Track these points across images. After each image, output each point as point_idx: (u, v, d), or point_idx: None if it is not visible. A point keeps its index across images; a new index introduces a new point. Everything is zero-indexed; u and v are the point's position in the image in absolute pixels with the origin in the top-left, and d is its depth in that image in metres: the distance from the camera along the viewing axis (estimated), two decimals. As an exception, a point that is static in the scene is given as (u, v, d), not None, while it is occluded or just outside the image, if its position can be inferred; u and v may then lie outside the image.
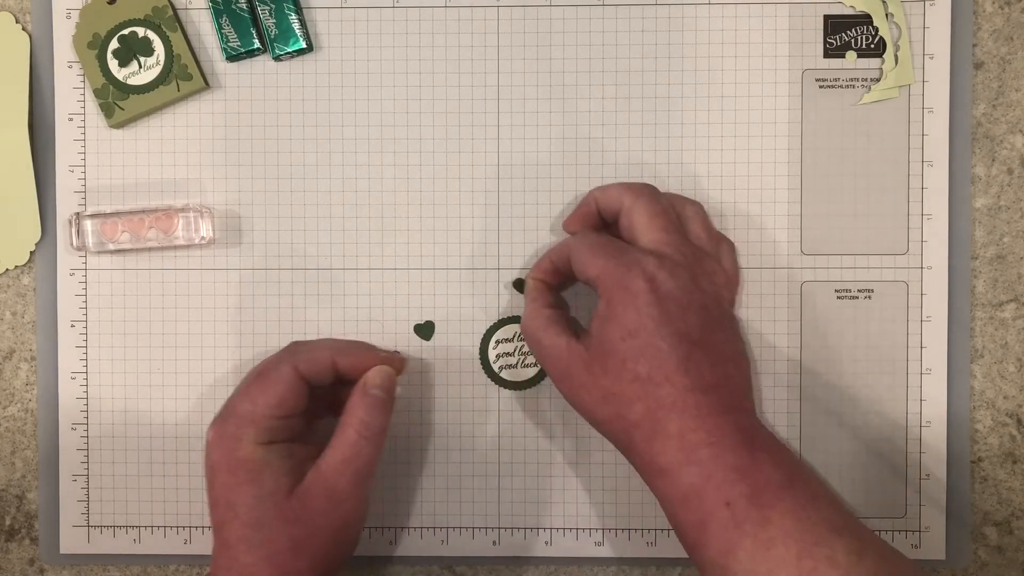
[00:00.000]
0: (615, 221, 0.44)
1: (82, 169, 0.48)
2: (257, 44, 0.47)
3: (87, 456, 0.48)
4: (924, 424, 0.48)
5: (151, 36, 0.47)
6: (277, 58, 0.48)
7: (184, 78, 0.47)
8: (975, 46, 0.48)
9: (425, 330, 0.48)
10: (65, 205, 0.48)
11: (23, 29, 0.48)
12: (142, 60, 0.47)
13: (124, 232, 0.47)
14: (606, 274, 0.41)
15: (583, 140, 0.48)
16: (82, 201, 0.48)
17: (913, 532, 0.48)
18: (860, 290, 0.48)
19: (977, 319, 0.48)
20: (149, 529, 0.48)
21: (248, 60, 0.48)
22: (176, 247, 0.48)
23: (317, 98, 0.48)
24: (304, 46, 0.47)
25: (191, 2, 0.48)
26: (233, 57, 0.47)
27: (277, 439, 0.42)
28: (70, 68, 0.48)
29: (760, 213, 0.48)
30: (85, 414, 0.48)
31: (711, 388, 0.39)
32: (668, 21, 0.48)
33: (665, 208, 0.43)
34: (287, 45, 0.47)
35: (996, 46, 0.48)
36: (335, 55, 0.48)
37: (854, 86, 0.47)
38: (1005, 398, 0.48)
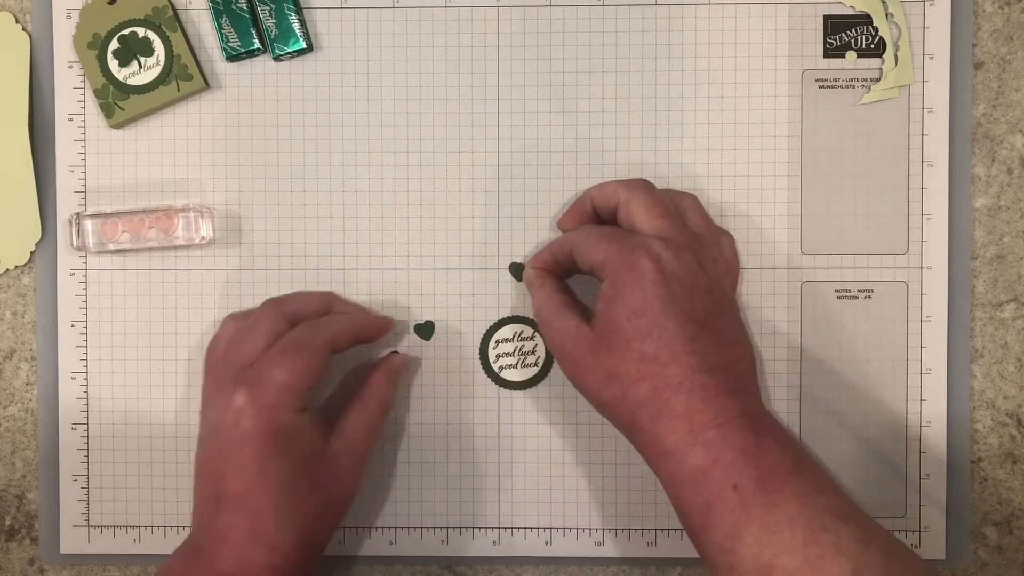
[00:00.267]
0: (612, 218, 0.45)
1: (82, 169, 0.48)
2: (257, 44, 0.47)
3: (87, 456, 0.48)
4: (924, 424, 0.48)
5: (151, 36, 0.47)
6: (277, 58, 0.48)
7: (184, 78, 0.47)
8: (975, 46, 0.48)
9: (425, 330, 0.48)
10: (65, 205, 0.48)
11: (23, 29, 0.48)
12: (142, 60, 0.47)
13: (124, 232, 0.47)
14: (611, 256, 0.41)
15: (583, 140, 0.48)
16: (82, 201, 0.48)
17: (913, 532, 0.48)
18: (860, 290, 0.48)
19: (977, 319, 0.48)
20: (149, 529, 0.48)
21: (248, 60, 0.48)
22: (176, 247, 0.48)
23: (317, 98, 0.48)
24: (304, 46, 0.47)
25: (191, 2, 0.48)
26: (233, 57, 0.47)
27: (306, 406, 0.42)
28: (70, 68, 0.48)
29: (760, 213, 0.48)
30: (85, 414, 0.48)
31: (718, 369, 0.39)
32: (668, 21, 0.48)
33: (662, 198, 0.43)
34: (287, 45, 0.47)
35: (996, 46, 0.48)
36: (335, 55, 0.48)
37: (854, 86, 0.47)
38: (1005, 398, 0.48)
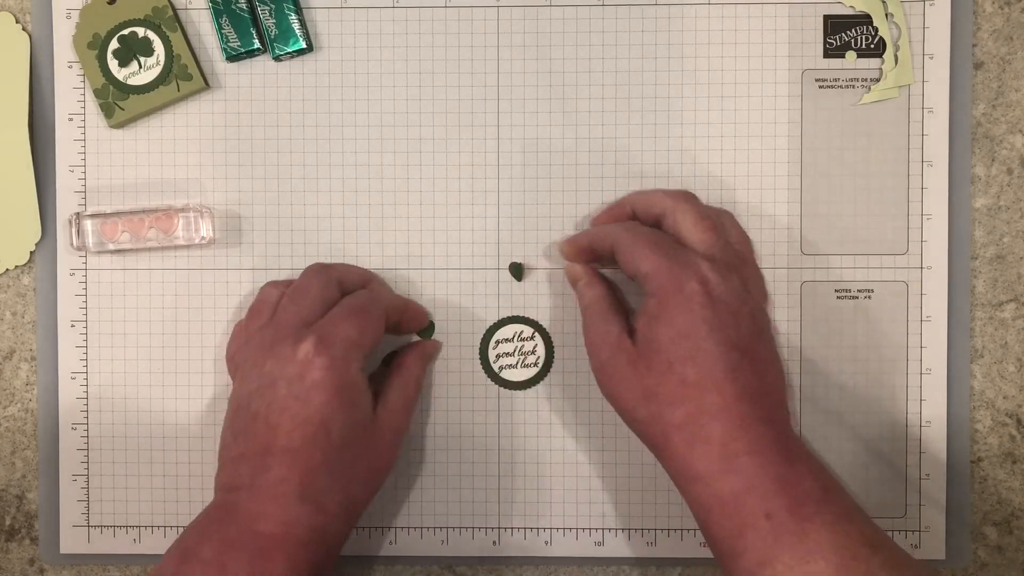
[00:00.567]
0: (654, 225, 0.44)
1: (82, 169, 0.48)
2: (257, 44, 0.47)
3: (87, 456, 0.48)
4: (924, 424, 0.48)
5: (151, 36, 0.47)
6: (277, 58, 0.48)
7: (184, 78, 0.47)
8: (975, 46, 0.48)
9: (425, 330, 0.48)
10: (65, 205, 0.48)
11: (23, 29, 0.48)
12: (142, 60, 0.47)
13: (124, 232, 0.47)
14: (659, 272, 0.40)
15: (583, 140, 0.48)
16: (82, 201, 0.48)
17: (913, 532, 0.48)
18: (860, 290, 0.48)
19: (977, 319, 0.48)
20: (149, 529, 0.48)
21: (248, 60, 0.48)
22: (176, 247, 0.48)
23: (317, 98, 0.48)
24: (304, 46, 0.47)
25: (191, 2, 0.48)
26: (233, 57, 0.47)
27: (366, 369, 0.43)
28: (70, 68, 0.48)
29: (760, 213, 0.48)
30: (85, 414, 0.48)
31: (755, 397, 0.39)
32: (668, 21, 0.48)
33: (710, 215, 0.43)
34: (287, 45, 0.47)
35: (996, 46, 0.48)
36: (335, 55, 0.48)
37: (854, 86, 0.47)
38: (1005, 398, 0.48)
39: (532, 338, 0.48)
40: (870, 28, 0.47)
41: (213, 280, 0.48)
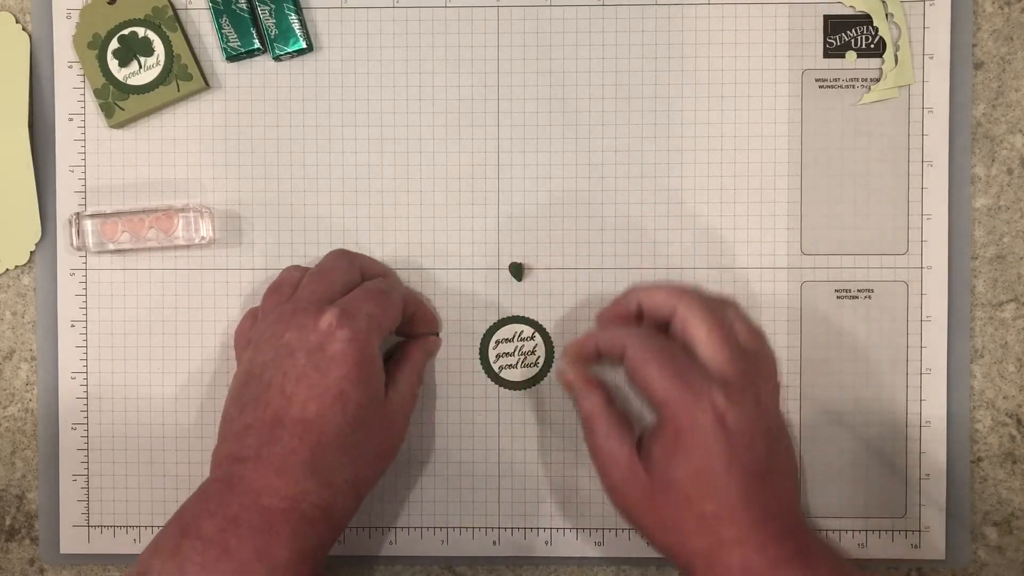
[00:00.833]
0: (661, 325, 0.43)
1: (82, 169, 0.48)
2: (257, 44, 0.47)
3: (87, 456, 0.48)
4: (924, 424, 0.48)
5: (151, 36, 0.47)
6: (277, 58, 0.48)
7: (184, 78, 0.47)
8: (975, 46, 0.48)
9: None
10: (65, 205, 0.48)
11: (23, 29, 0.48)
12: (142, 60, 0.47)
13: (124, 232, 0.47)
14: (673, 402, 0.40)
15: (583, 140, 0.48)
16: (82, 201, 0.48)
17: (913, 532, 0.48)
18: (860, 290, 0.48)
19: (977, 319, 0.48)
20: (149, 529, 0.48)
21: (248, 60, 0.48)
22: (176, 247, 0.48)
23: (317, 98, 0.48)
24: (304, 46, 0.47)
25: (191, 2, 0.48)
26: (233, 57, 0.47)
27: (382, 349, 0.43)
28: (70, 68, 0.48)
29: (760, 213, 0.48)
30: (85, 414, 0.48)
31: (773, 516, 0.39)
32: (668, 21, 0.48)
33: (720, 320, 0.42)
34: (287, 45, 0.47)
35: (996, 46, 0.48)
36: (335, 55, 0.48)
37: (854, 86, 0.47)
38: (1005, 398, 0.48)
39: (532, 338, 0.48)
40: (870, 28, 0.47)
41: (213, 280, 0.48)
